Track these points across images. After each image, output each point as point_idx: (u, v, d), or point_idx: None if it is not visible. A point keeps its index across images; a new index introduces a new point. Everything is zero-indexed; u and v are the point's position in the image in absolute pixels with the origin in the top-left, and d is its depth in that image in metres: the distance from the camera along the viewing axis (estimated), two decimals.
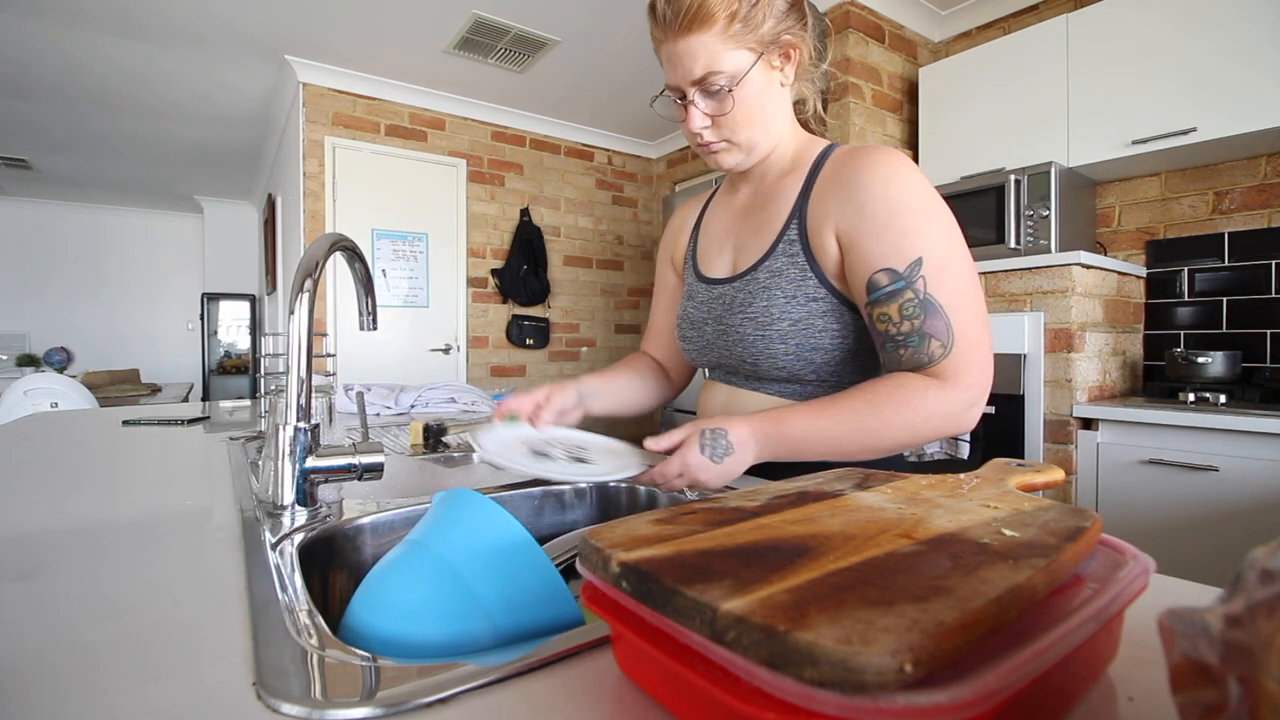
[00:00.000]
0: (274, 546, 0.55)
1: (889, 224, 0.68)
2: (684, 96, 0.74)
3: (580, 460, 0.72)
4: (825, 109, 0.85)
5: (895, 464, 0.79)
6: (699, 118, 0.74)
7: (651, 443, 0.69)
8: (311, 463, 0.64)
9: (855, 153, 0.74)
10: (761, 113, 0.75)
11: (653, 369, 1.01)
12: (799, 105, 0.82)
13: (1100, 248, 2.38)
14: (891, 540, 0.30)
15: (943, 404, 0.66)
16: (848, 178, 0.72)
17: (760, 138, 0.77)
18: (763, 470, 0.74)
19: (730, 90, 0.71)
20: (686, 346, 0.90)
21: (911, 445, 0.68)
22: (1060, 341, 1.93)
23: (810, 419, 0.67)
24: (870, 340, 0.75)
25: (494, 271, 4.12)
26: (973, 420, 0.68)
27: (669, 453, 0.67)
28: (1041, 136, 2.26)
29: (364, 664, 0.35)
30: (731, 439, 0.65)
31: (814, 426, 0.67)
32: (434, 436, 1.05)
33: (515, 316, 4.18)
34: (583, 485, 0.82)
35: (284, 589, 0.46)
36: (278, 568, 0.50)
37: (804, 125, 0.84)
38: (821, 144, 0.81)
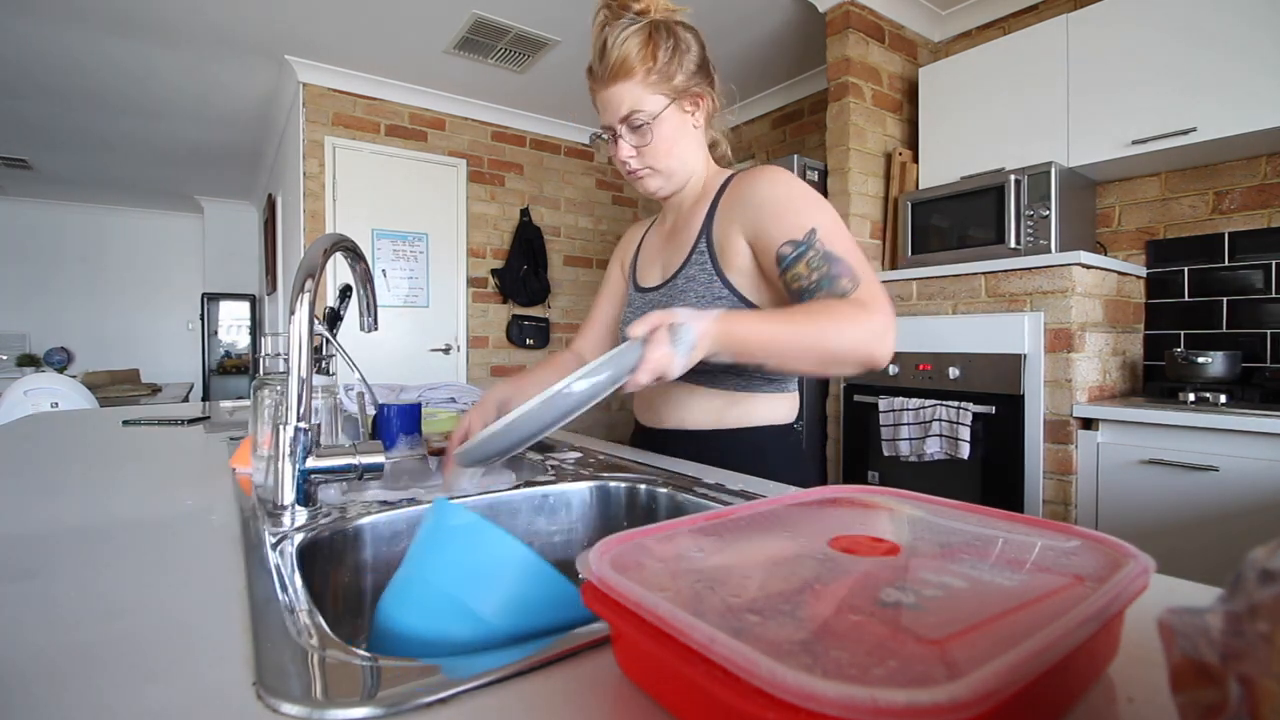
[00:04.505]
0: (274, 546, 0.55)
1: (784, 211, 0.83)
2: (614, 133, 0.90)
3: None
4: (732, 154, 1.02)
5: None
6: (625, 148, 0.90)
7: (632, 329, 0.70)
8: (311, 463, 0.64)
9: (747, 173, 0.90)
10: (676, 145, 0.91)
11: (572, 367, 1.06)
12: (713, 149, 0.99)
13: (1100, 248, 2.38)
14: None
15: (865, 319, 0.74)
16: (742, 192, 0.89)
17: (677, 167, 0.93)
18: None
19: (649, 125, 0.87)
20: None
21: (841, 355, 0.74)
22: (1060, 341, 1.93)
23: (758, 322, 0.74)
24: None
25: (494, 271, 4.12)
26: (888, 348, 0.75)
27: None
28: (1041, 136, 2.26)
29: (364, 664, 0.35)
30: (695, 333, 0.69)
31: (761, 328, 0.73)
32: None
33: (515, 316, 4.18)
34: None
35: (284, 589, 0.46)
36: (278, 568, 0.50)
37: (719, 164, 1.01)
38: (725, 173, 0.97)
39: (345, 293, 1.05)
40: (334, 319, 1.09)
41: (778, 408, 0.97)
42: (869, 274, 0.78)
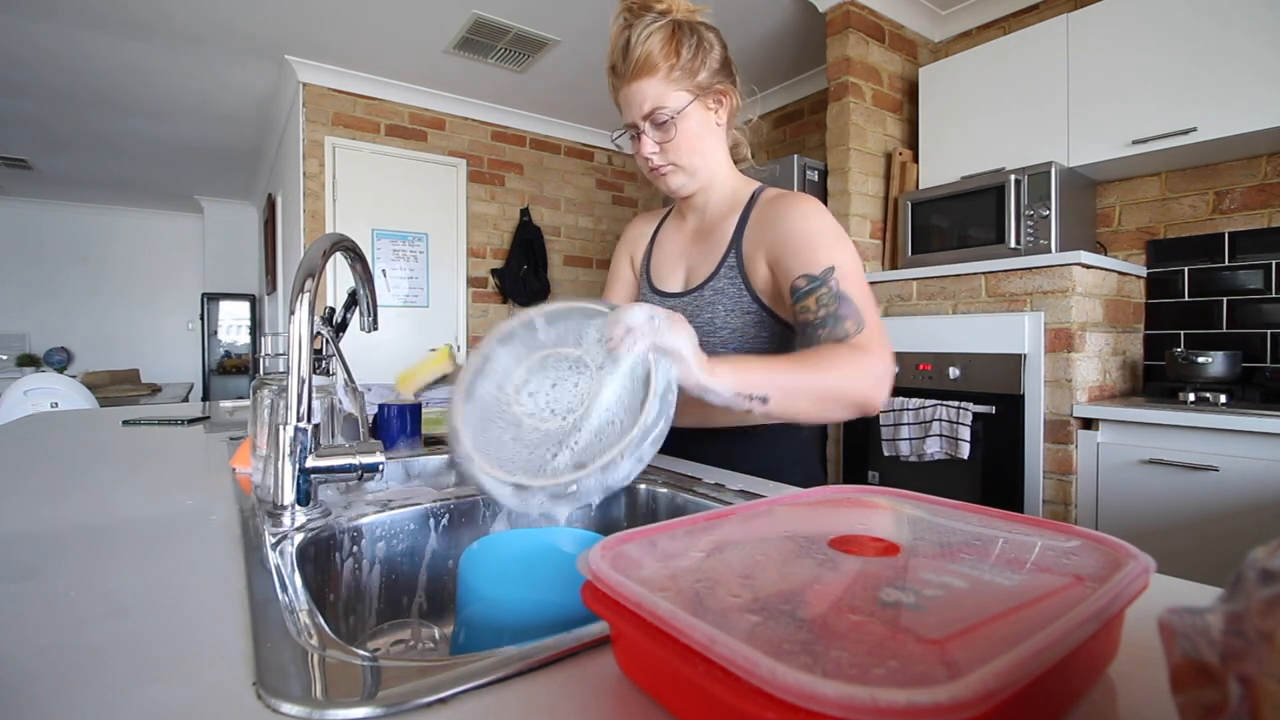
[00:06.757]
0: (274, 546, 0.55)
1: (805, 245, 0.84)
2: (637, 130, 0.90)
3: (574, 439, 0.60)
4: (753, 156, 1.03)
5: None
6: (649, 144, 0.90)
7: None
8: (311, 463, 0.64)
9: (780, 196, 0.92)
10: (700, 142, 0.91)
11: None
12: (735, 150, 1.00)
13: (1100, 248, 2.38)
14: None
15: (863, 364, 0.73)
16: (773, 216, 0.89)
17: (700, 164, 0.92)
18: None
19: (673, 120, 0.87)
20: None
21: (841, 398, 0.71)
22: (1060, 341, 1.93)
23: (765, 372, 0.69)
24: (790, 345, 0.90)
25: (494, 271, 4.12)
26: (883, 393, 0.74)
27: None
28: (1041, 136, 2.26)
29: (364, 664, 0.35)
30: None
31: (768, 365, 0.70)
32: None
33: None
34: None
35: (284, 589, 0.46)
36: (278, 568, 0.50)
37: (739, 164, 1.01)
38: (754, 185, 0.98)
39: (352, 299, 1.05)
40: (341, 325, 1.09)
41: None
42: (874, 318, 0.79)
